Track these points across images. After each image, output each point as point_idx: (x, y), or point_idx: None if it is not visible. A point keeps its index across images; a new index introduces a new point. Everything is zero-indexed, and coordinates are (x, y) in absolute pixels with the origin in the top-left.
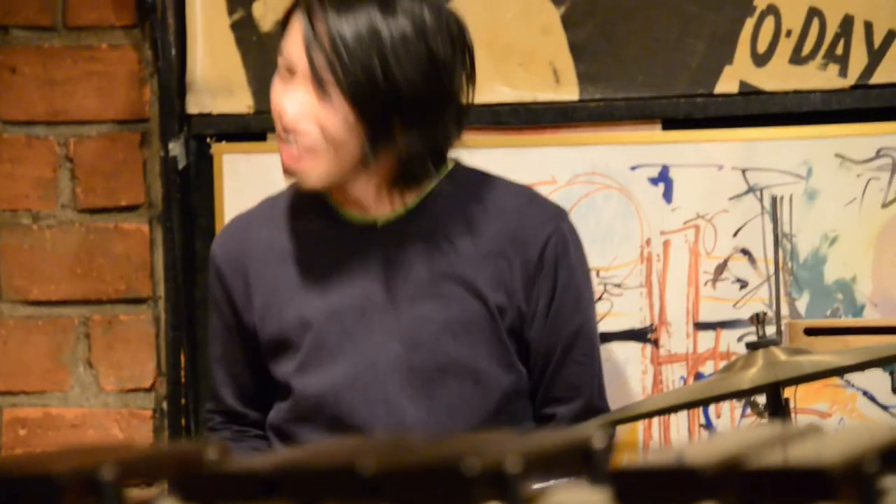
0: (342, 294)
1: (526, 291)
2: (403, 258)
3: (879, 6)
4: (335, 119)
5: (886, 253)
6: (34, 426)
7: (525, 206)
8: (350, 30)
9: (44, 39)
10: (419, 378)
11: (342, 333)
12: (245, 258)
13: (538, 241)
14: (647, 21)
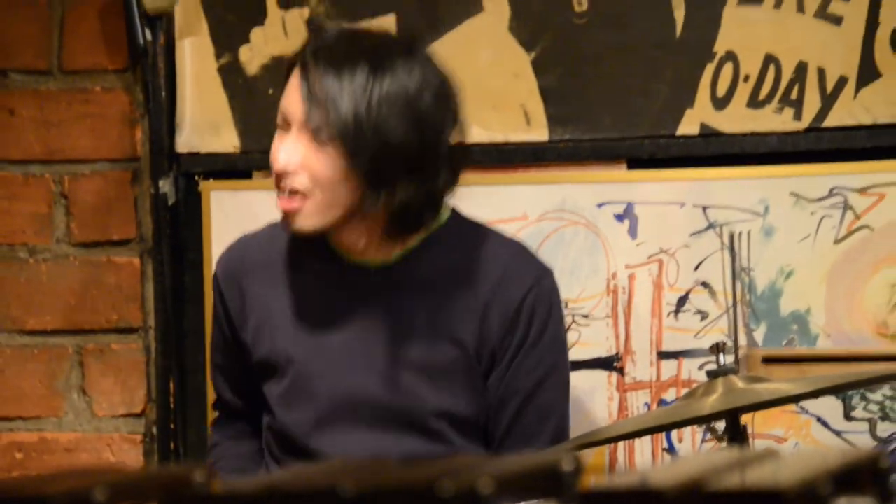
0: (329, 332)
1: (500, 339)
2: (392, 303)
3: (831, 53)
4: (325, 165)
5: (838, 286)
6: (30, 450)
7: (512, 261)
8: (343, 84)
9: (40, 82)
10: (395, 418)
11: (325, 371)
12: (243, 277)
13: (519, 293)
14: (613, 66)
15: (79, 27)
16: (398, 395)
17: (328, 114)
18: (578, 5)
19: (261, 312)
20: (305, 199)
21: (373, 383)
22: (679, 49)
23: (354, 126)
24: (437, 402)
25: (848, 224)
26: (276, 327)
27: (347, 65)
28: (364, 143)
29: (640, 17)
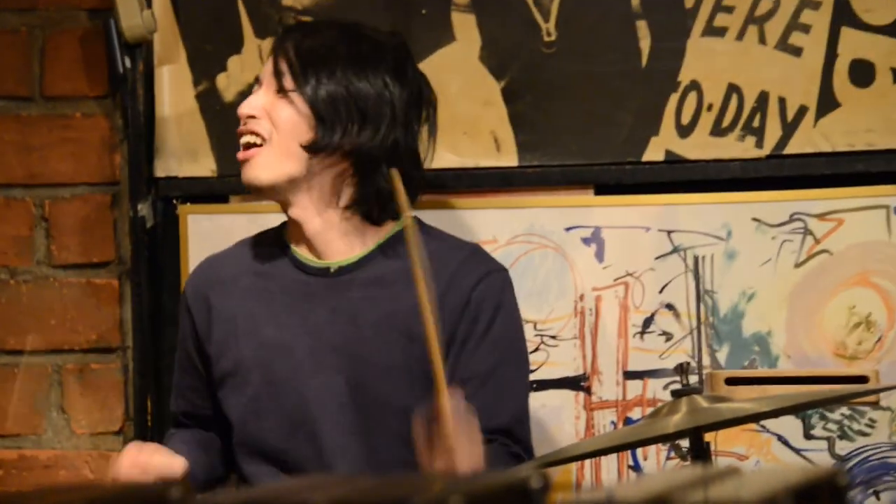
0: (294, 333)
1: (452, 330)
2: (352, 303)
3: (792, 83)
4: (287, 112)
5: (799, 309)
6: (9, 467)
7: (465, 259)
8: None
9: (22, 108)
10: (361, 416)
11: (292, 370)
12: (210, 293)
13: (468, 286)
14: (581, 95)
15: (59, 54)
16: (362, 395)
17: (297, 64)
18: (547, 35)
19: (226, 325)
20: (262, 149)
21: (338, 384)
22: (644, 78)
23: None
24: (400, 401)
25: (808, 248)
26: (241, 336)
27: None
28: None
29: (607, 47)
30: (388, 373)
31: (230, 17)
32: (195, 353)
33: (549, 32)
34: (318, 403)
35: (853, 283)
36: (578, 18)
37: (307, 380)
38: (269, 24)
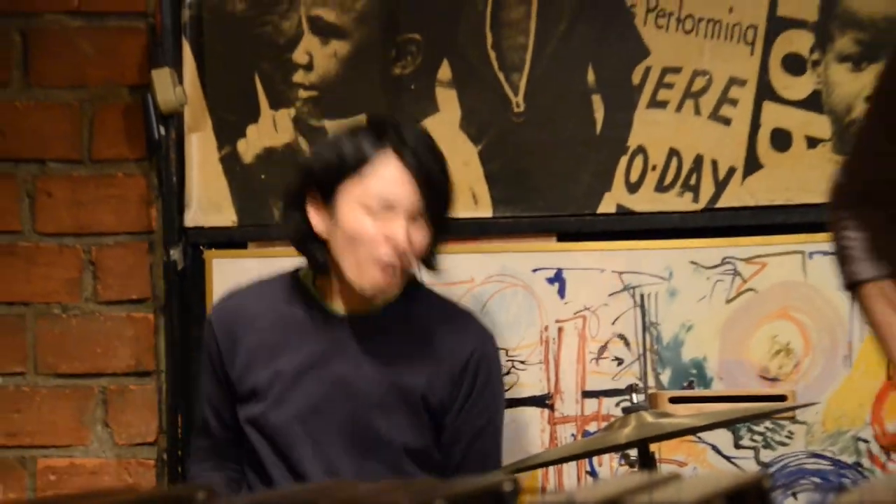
0: (308, 364)
1: (450, 389)
2: (360, 347)
3: (723, 148)
4: (420, 239)
5: (729, 339)
6: (62, 473)
7: (462, 327)
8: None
9: (73, 170)
10: (357, 444)
11: (301, 394)
12: (236, 326)
13: (465, 353)
14: (545, 157)
15: (105, 124)
16: (356, 423)
17: (430, 196)
18: (517, 107)
19: (247, 355)
20: (401, 274)
21: (337, 412)
22: (599, 144)
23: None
24: (389, 431)
25: (737, 287)
26: (260, 363)
27: (432, 156)
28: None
29: (567, 117)
30: (380, 408)
31: (249, 91)
32: (220, 374)
33: (519, 105)
34: (318, 426)
35: (775, 317)
36: (543, 93)
37: (311, 405)
38: (281, 98)
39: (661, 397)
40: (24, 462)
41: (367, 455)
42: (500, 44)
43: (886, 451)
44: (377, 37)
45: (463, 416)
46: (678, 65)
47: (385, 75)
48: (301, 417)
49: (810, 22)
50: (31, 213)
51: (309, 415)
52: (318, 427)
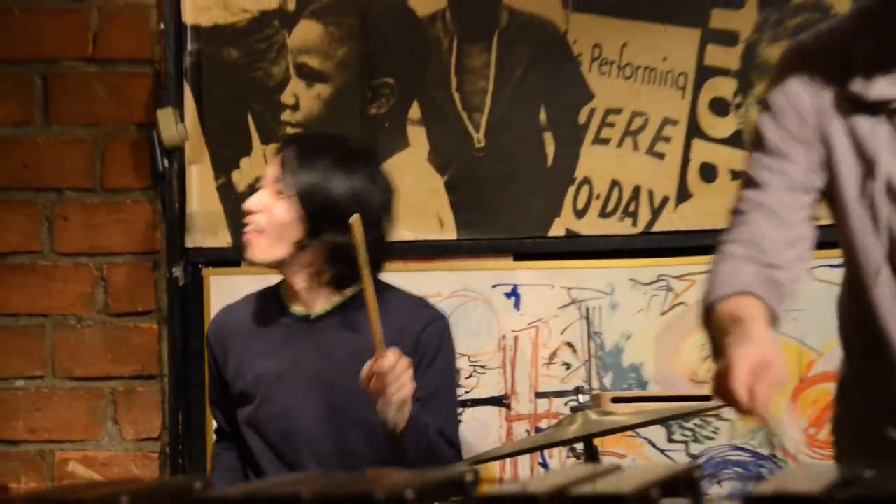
0: (285, 364)
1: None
2: (328, 341)
3: (658, 179)
4: (280, 210)
5: (664, 346)
6: (80, 464)
7: (413, 309)
8: (306, 154)
9: (87, 197)
10: (333, 426)
11: (283, 391)
12: (226, 336)
13: (419, 327)
14: (503, 187)
15: (115, 157)
16: (334, 411)
17: (294, 178)
18: (478, 143)
19: (236, 360)
20: (259, 236)
21: (315, 403)
22: (550, 175)
23: (310, 186)
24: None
25: (670, 301)
26: (247, 367)
27: (313, 148)
28: (314, 200)
29: (522, 151)
30: (354, 394)
31: (242, 128)
32: (218, 380)
33: (480, 141)
34: (301, 417)
35: None
36: (501, 131)
37: (292, 399)
38: (271, 134)
39: (604, 398)
40: (44, 455)
41: (347, 436)
42: (464, 87)
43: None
44: (355, 81)
45: (425, 379)
46: (619, 106)
47: (362, 115)
48: (286, 413)
49: (733, 70)
50: (49, 235)
51: (292, 409)
52: (301, 419)
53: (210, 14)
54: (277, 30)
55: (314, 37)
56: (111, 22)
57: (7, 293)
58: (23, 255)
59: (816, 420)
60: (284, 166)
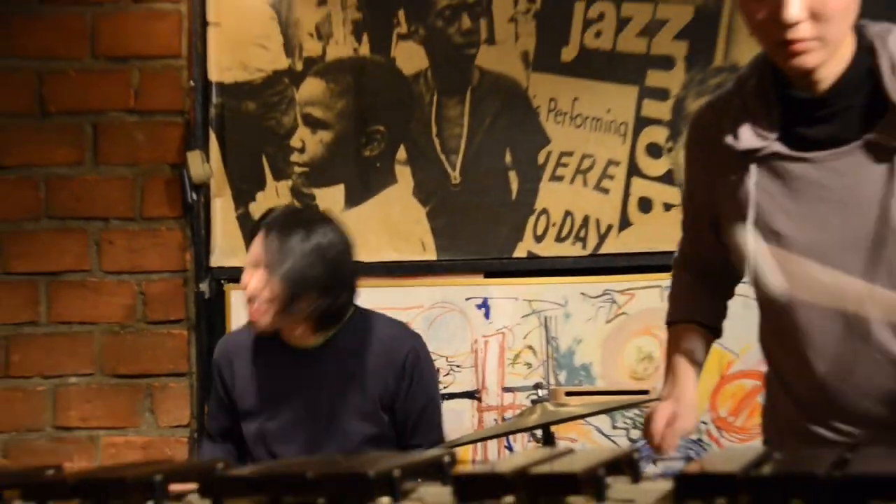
0: (281, 389)
1: (395, 384)
2: (319, 370)
3: (604, 210)
4: (274, 291)
5: (609, 349)
6: (120, 448)
7: (394, 334)
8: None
9: (128, 225)
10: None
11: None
12: (232, 359)
13: (401, 354)
14: (475, 217)
15: (152, 191)
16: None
17: (276, 265)
18: (454, 180)
19: (242, 381)
20: (265, 312)
21: (309, 419)
22: (514, 206)
23: (289, 272)
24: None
25: (614, 312)
26: (249, 390)
27: (287, 232)
28: (293, 281)
29: (491, 187)
30: (342, 410)
31: (258, 168)
32: (224, 396)
33: (455, 178)
34: (297, 431)
35: (641, 334)
36: (473, 169)
37: (289, 415)
38: (282, 173)
39: (559, 392)
40: (93, 439)
41: (336, 442)
42: (442, 133)
43: (719, 430)
44: (352, 128)
45: (409, 400)
46: (571, 150)
47: (358, 156)
48: (287, 427)
49: (665, 120)
50: (97, 256)
51: (293, 425)
52: (300, 433)
53: (231, 73)
54: (287, 86)
55: (318, 92)
56: (149, 80)
57: (62, 305)
58: (75, 273)
59: (734, 410)
60: (268, 253)
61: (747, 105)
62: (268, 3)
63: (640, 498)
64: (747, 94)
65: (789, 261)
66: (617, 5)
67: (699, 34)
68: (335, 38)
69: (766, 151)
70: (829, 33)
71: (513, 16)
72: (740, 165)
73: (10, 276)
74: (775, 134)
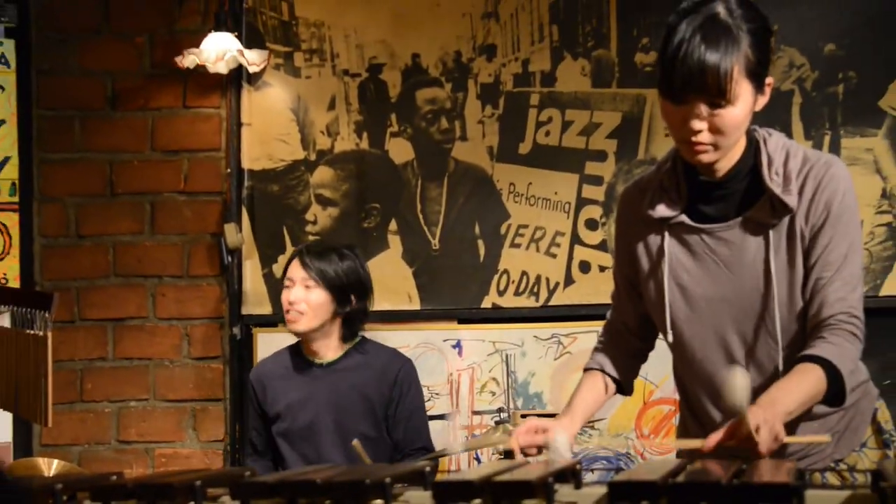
0: (308, 395)
1: (389, 393)
2: (336, 379)
3: (552, 271)
4: (312, 298)
5: (556, 381)
6: (169, 458)
7: (390, 358)
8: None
9: (177, 282)
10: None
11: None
12: (265, 379)
13: (395, 370)
14: (451, 276)
15: (196, 255)
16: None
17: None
18: (434, 246)
19: (273, 395)
20: (301, 316)
21: (328, 423)
22: (482, 267)
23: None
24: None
25: (560, 351)
26: (282, 398)
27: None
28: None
29: (464, 252)
30: (356, 415)
31: (279, 236)
32: (258, 409)
33: (435, 245)
34: (318, 433)
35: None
36: (450, 238)
37: (312, 421)
38: (298, 241)
39: (517, 415)
40: (147, 451)
41: (344, 446)
42: (425, 210)
43: (643, 446)
44: (354, 206)
45: (399, 408)
46: (526, 223)
47: (358, 227)
48: (308, 427)
49: (600, 201)
50: (153, 306)
51: (313, 425)
52: (318, 431)
53: (260, 162)
54: (303, 172)
55: (327, 177)
56: (195, 168)
57: (125, 344)
58: (135, 319)
59: (655, 430)
60: (306, 267)
61: (663, 183)
62: (289, 107)
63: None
64: (663, 175)
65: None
66: (562, 111)
67: (626, 134)
68: (341, 135)
69: (675, 221)
70: (721, 142)
71: (480, 119)
72: (657, 231)
73: (84, 322)
74: (681, 207)
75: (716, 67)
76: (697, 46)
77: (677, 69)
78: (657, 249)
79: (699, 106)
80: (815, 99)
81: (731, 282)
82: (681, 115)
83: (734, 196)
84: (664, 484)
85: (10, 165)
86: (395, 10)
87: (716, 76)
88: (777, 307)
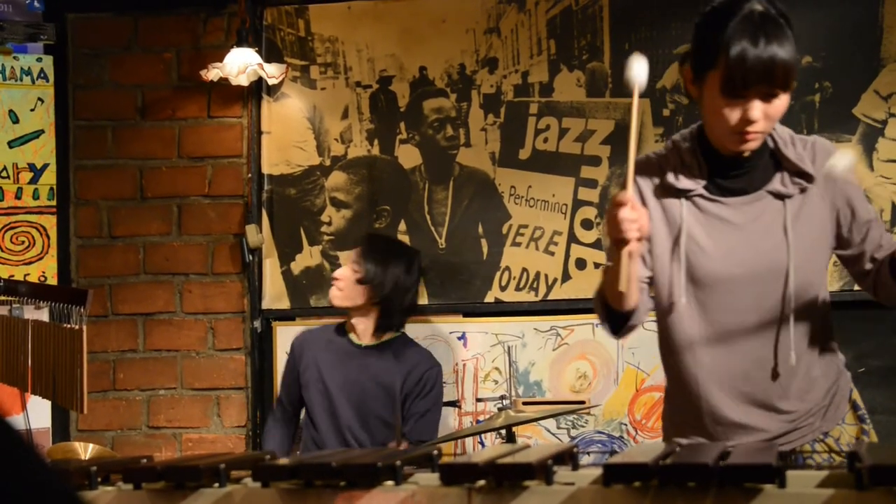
0: (340, 369)
1: (412, 387)
2: (370, 364)
3: (551, 268)
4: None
5: (554, 370)
6: (196, 442)
7: (422, 357)
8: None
9: (203, 279)
10: (363, 417)
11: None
12: (304, 346)
13: (423, 369)
14: (457, 272)
15: (220, 254)
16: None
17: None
18: (441, 245)
19: (308, 363)
20: (340, 293)
21: (354, 401)
22: (485, 264)
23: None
24: (379, 410)
25: (558, 343)
26: (314, 371)
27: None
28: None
29: (468, 250)
30: (376, 399)
31: (296, 237)
32: (294, 375)
33: (442, 244)
34: (343, 408)
35: (578, 358)
36: (455, 238)
37: (339, 397)
38: (314, 240)
39: (518, 402)
40: (176, 436)
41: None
42: (432, 211)
43: (636, 430)
44: (366, 208)
45: (417, 403)
46: (526, 223)
47: (370, 228)
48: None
49: (595, 202)
50: (180, 301)
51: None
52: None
53: (278, 167)
54: (319, 177)
55: (341, 181)
56: (219, 173)
57: (155, 337)
58: (164, 314)
59: (646, 415)
60: (361, 256)
61: (683, 160)
62: (305, 117)
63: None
64: (683, 152)
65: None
66: (559, 119)
67: (618, 140)
68: (354, 142)
69: (695, 193)
70: (769, 128)
71: (483, 126)
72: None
73: (117, 316)
74: (703, 182)
75: (784, 61)
76: (764, 44)
77: (748, 67)
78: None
79: (757, 98)
80: (793, 107)
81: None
82: (738, 108)
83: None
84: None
85: (48, 172)
86: (404, 26)
87: (784, 69)
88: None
